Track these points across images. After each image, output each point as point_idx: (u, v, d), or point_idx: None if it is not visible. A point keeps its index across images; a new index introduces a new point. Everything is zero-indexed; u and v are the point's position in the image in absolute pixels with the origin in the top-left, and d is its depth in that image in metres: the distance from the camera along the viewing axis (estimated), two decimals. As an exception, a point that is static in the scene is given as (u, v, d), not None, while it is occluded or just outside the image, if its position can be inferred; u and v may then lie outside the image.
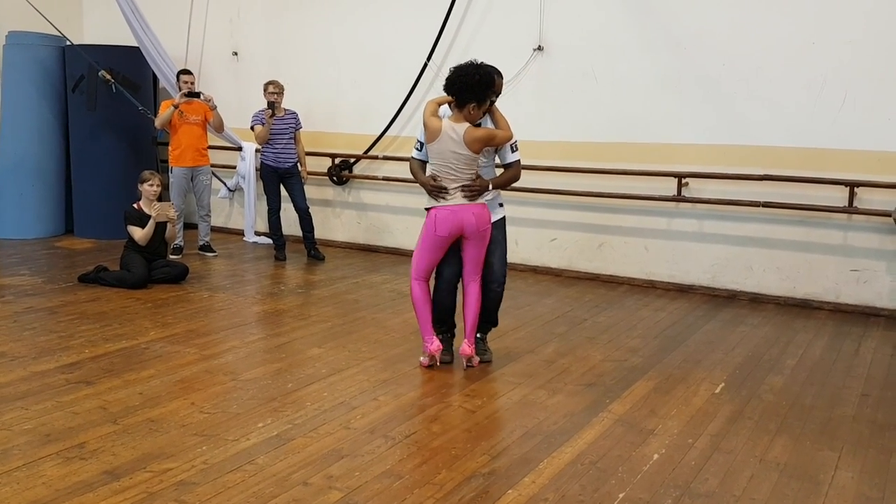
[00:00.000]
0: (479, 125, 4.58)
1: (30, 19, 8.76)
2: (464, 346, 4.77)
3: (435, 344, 4.74)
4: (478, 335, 4.98)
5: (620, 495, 3.25)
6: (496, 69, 4.60)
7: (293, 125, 7.98)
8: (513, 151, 4.73)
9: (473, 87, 4.45)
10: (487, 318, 4.97)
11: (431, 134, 4.56)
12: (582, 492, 3.27)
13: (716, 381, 4.66)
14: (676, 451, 3.68)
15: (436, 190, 4.58)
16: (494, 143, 4.63)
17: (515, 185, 7.40)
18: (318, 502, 3.13)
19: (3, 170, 9.02)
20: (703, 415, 4.14)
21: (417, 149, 4.78)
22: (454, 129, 4.52)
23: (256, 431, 3.80)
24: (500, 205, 4.89)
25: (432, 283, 4.88)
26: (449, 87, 4.52)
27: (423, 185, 4.68)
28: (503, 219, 4.89)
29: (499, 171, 4.86)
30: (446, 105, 4.66)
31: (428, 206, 4.67)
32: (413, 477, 3.37)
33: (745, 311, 6.39)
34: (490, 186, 4.66)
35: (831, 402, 4.38)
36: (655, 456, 3.63)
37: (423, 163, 4.79)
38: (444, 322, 4.95)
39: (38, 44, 9.03)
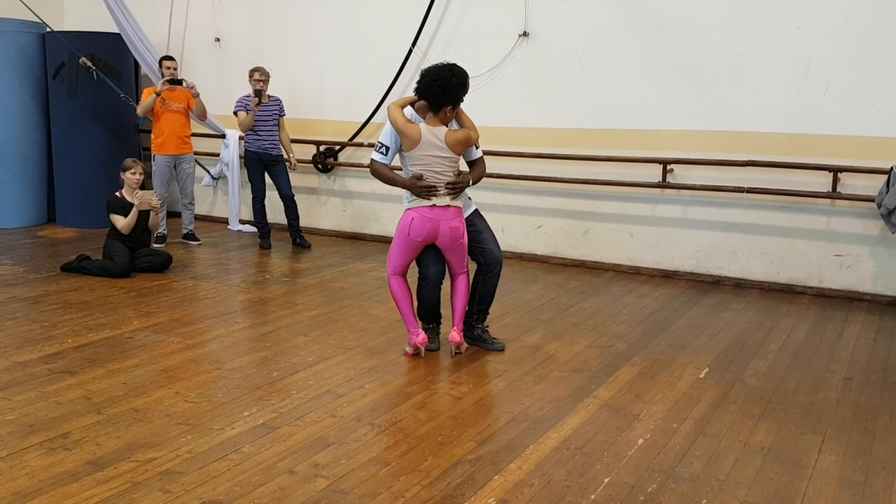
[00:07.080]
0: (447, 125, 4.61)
1: (8, 5, 8.63)
2: (453, 334, 4.77)
3: (420, 336, 4.75)
4: (479, 325, 4.99)
5: (606, 480, 3.26)
6: (464, 69, 4.57)
7: (277, 112, 7.93)
8: (477, 148, 4.82)
9: (451, 90, 4.45)
10: (488, 307, 4.99)
11: (411, 141, 4.52)
12: (568, 477, 3.29)
13: (700, 366, 4.69)
14: (661, 436, 3.70)
15: (425, 189, 4.54)
16: (470, 144, 4.69)
17: (501, 172, 7.56)
18: (304, 490, 3.13)
19: (-16, 158, 8.93)
20: (687, 399, 4.16)
21: (383, 153, 4.64)
22: (434, 133, 4.52)
23: (242, 420, 3.79)
24: (469, 198, 4.93)
25: (414, 280, 4.86)
26: (425, 91, 4.48)
27: (406, 187, 4.61)
28: (476, 210, 4.95)
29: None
30: (409, 106, 4.64)
31: (409, 206, 4.64)
32: (399, 464, 3.37)
33: (730, 296, 6.43)
34: (470, 182, 4.70)
35: (815, 386, 4.41)
36: (640, 441, 3.65)
37: (386, 166, 4.72)
38: (430, 316, 4.96)
39: (18, 30, 8.90)
